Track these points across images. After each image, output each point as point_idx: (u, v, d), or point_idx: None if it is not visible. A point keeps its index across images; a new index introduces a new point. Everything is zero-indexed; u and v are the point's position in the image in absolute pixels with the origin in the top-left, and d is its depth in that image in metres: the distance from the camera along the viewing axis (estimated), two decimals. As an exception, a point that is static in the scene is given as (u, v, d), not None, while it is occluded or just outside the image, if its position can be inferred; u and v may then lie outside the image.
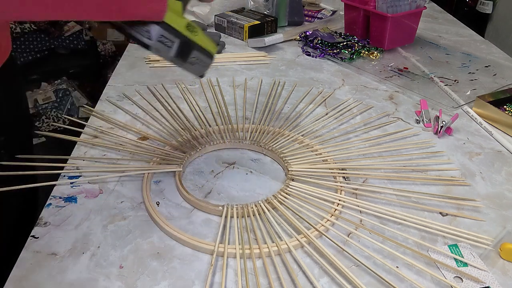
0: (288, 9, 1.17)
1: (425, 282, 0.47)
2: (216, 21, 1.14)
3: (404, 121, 0.77)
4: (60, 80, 1.88)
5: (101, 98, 0.80)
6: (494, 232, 0.54)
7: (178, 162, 0.62)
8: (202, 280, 0.46)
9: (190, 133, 0.69)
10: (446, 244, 0.52)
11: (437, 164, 0.66)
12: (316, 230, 0.52)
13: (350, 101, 0.83)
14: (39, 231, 0.51)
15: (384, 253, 0.50)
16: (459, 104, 0.83)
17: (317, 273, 0.47)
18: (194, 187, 0.60)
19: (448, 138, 0.73)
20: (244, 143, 0.68)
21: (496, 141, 0.73)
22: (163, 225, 0.51)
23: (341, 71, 0.96)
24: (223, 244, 0.49)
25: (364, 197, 0.58)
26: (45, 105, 1.80)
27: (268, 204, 0.56)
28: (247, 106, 0.79)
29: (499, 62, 1.03)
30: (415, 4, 1.01)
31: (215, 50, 0.54)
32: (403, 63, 0.99)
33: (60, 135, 0.66)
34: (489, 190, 0.61)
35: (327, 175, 0.62)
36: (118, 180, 0.60)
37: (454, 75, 0.95)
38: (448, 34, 1.20)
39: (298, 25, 1.19)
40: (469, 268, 0.48)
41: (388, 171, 0.64)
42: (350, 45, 1.03)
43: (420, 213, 0.56)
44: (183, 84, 0.86)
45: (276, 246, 0.49)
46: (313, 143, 0.68)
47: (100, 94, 0.81)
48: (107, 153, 0.65)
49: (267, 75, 0.92)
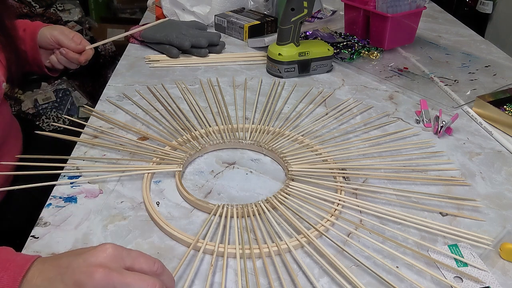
0: (288, 9, 1.17)
1: (425, 282, 0.47)
2: (216, 21, 1.14)
3: (404, 121, 0.77)
4: (60, 80, 1.88)
5: (101, 98, 0.80)
6: (494, 232, 0.54)
7: (178, 162, 0.62)
8: (202, 280, 0.46)
9: (190, 133, 0.69)
10: (446, 244, 0.52)
11: (437, 164, 0.66)
12: (316, 230, 0.52)
13: (350, 101, 0.83)
14: (39, 231, 0.51)
15: (384, 253, 0.50)
16: (459, 104, 0.83)
17: (317, 273, 0.47)
18: (194, 187, 0.60)
19: (448, 138, 0.73)
20: (244, 143, 0.68)
21: (496, 141, 0.73)
22: (163, 225, 0.51)
23: (341, 71, 0.96)
24: (223, 244, 0.49)
25: (364, 197, 0.58)
26: (45, 105, 1.80)
27: (268, 204, 0.56)
28: (247, 106, 0.79)
29: (499, 62, 1.03)
30: (415, 4, 1.01)
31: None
32: (403, 63, 0.99)
33: (60, 135, 0.66)
34: (489, 190, 0.61)
35: (327, 175, 0.62)
36: (118, 180, 0.60)
37: (454, 75, 0.95)
38: (448, 34, 1.20)
39: (298, 25, 1.19)
40: (469, 268, 0.48)
41: (388, 171, 0.64)
42: (350, 45, 1.03)
43: (420, 213, 0.56)
44: (183, 84, 0.86)
45: (276, 246, 0.49)
46: (313, 143, 0.68)
47: (100, 94, 0.81)
48: (107, 153, 0.65)
49: (267, 75, 0.92)
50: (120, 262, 0.38)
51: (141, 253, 0.40)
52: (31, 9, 1.83)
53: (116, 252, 0.38)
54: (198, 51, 0.97)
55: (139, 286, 0.37)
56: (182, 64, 0.95)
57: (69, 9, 2.03)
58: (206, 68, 0.94)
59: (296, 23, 0.86)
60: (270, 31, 1.11)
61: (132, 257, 0.39)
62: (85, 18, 2.12)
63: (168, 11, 1.13)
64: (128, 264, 0.39)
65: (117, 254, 0.38)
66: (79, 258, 0.38)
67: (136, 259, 0.39)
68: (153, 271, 0.39)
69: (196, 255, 0.48)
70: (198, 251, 0.48)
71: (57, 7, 1.99)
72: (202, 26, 1.06)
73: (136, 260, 0.39)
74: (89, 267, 0.37)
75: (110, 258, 0.38)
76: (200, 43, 0.96)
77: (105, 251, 0.38)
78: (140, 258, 0.39)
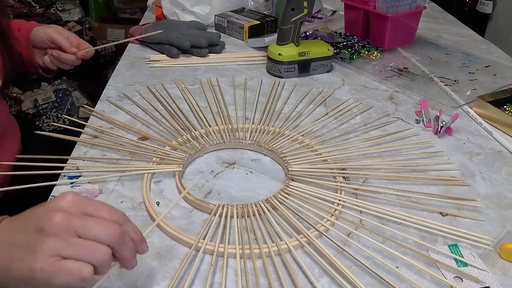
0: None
1: (425, 282, 0.47)
2: (216, 21, 1.14)
3: (404, 121, 0.77)
4: (60, 80, 1.88)
5: (101, 98, 0.80)
6: (494, 232, 0.54)
7: (178, 162, 0.62)
8: (202, 280, 0.46)
9: (190, 133, 0.69)
10: (446, 244, 0.52)
11: (437, 164, 0.66)
12: (316, 230, 0.52)
13: (350, 101, 0.83)
14: (39, 231, 0.51)
15: (384, 253, 0.50)
16: (459, 104, 0.83)
17: (317, 273, 0.47)
18: (194, 187, 0.60)
19: (448, 138, 0.73)
20: (244, 143, 0.68)
21: (496, 141, 0.73)
22: (163, 225, 0.51)
23: (341, 71, 0.96)
24: (223, 244, 0.49)
25: (364, 197, 0.58)
26: (45, 105, 1.80)
27: (268, 204, 0.56)
28: (247, 106, 0.79)
29: (499, 62, 1.03)
30: (415, 4, 1.01)
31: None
32: (403, 63, 0.99)
33: (60, 135, 0.66)
34: (489, 190, 0.61)
35: (327, 175, 0.62)
36: (118, 180, 0.60)
37: (454, 75, 0.95)
38: (448, 34, 1.20)
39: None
40: (469, 268, 0.48)
41: (388, 171, 0.64)
42: (350, 45, 1.03)
43: (420, 213, 0.56)
44: (183, 84, 0.86)
45: (276, 246, 0.49)
46: (313, 143, 0.68)
47: (100, 94, 0.81)
48: (107, 153, 0.65)
49: (267, 75, 0.92)
50: (81, 208, 0.38)
51: (104, 203, 0.40)
52: (31, 9, 1.83)
53: (76, 198, 0.38)
54: (198, 51, 0.98)
55: (99, 230, 0.37)
56: (182, 64, 0.95)
57: (69, 9, 2.03)
58: (206, 68, 0.94)
59: (296, 23, 0.86)
60: (270, 31, 1.11)
61: (93, 205, 0.39)
62: (85, 18, 2.12)
63: (168, 11, 1.13)
64: (90, 211, 0.38)
65: (77, 200, 0.38)
66: (40, 207, 0.38)
67: (97, 207, 0.39)
68: (114, 220, 0.39)
69: (196, 255, 0.48)
70: (198, 251, 0.48)
71: (57, 7, 1.99)
72: (202, 26, 1.06)
73: (97, 208, 0.39)
74: (49, 212, 0.37)
75: (71, 204, 0.38)
76: (200, 43, 0.96)
77: (65, 197, 0.38)
78: (102, 207, 0.39)
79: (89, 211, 0.38)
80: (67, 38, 0.81)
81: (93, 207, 0.39)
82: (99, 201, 0.40)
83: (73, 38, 0.82)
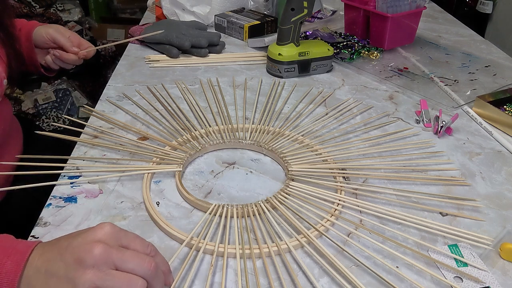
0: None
1: (425, 282, 0.47)
2: (216, 21, 1.14)
3: (404, 121, 0.77)
4: (60, 80, 1.88)
5: (101, 98, 0.80)
6: (494, 232, 0.54)
7: (178, 162, 0.62)
8: (202, 280, 0.46)
9: (190, 133, 0.69)
10: (446, 244, 0.52)
11: (437, 164, 0.66)
12: (316, 230, 0.52)
13: (350, 101, 0.83)
14: (39, 231, 0.51)
15: (384, 253, 0.50)
16: (459, 104, 0.83)
17: (317, 273, 0.47)
18: (194, 187, 0.60)
19: (448, 138, 0.73)
20: (244, 143, 0.68)
21: (496, 141, 0.73)
22: (163, 225, 0.51)
23: (341, 71, 0.96)
24: (223, 244, 0.49)
25: (364, 197, 0.58)
26: (45, 105, 1.80)
27: (268, 204, 0.56)
28: (247, 106, 0.79)
29: (499, 62, 1.03)
30: (415, 4, 1.01)
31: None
32: (403, 63, 0.99)
33: (60, 135, 0.66)
34: (489, 190, 0.61)
35: (327, 175, 0.62)
36: (118, 180, 0.60)
37: (454, 75, 0.95)
38: (448, 34, 1.20)
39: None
40: (469, 268, 0.48)
41: (388, 171, 0.64)
42: (350, 45, 1.03)
43: (420, 213, 0.56)
44: (183, 84, 0.86)
45: (276, 246, 0.49)
46: (313, 143, 0.68)
47: (100, 94, 0.81)
48: (107, 153, 0.65)
49: (267, 75, 0.92)
50: (118, 240, 0.39)
51: (137, 235, 0.41)
52: (31, 9, 1.83)
53: (113, 230, 0.39)
54: (198, 51, 0.98)
55: (137, 263, 0.38)
56: (182, 64, 0.95)
57: (69, 9, 2.03)
58: (206, 68, 0.94)
59: (296, 23, 0.86)
60: (270, 31, 1.11)
61: (128, 237, 0.40)
62: (85, 18, 2.12)
63: (168, 11, 1.13)
64: (124, 243, 0.40)
65: (114, 232, 0.39)
66: (78, 237, 0.39)
67: (132, 240, 0.40)
68: (146, 253, 0.40)
69: (196, 255, 0.48)
70: (198, 251, 0.48)
71: (57, 7, 1.99)
72: (202, 26, 1.06)
73: (132, 241, 0.40)
74: (88, 244, 0.37)
75: (108, 236, 0.39)
76: (200, 43, 0.96)
77: (103, 228, 0.39)
78: (136, 240, 0.41)
79: (124, 242, 0.40)
80: (68, 38, 0.81)
81: (127, 239, 0.40)
82: (132, 233, 0.41)
83: (74, 38, 0.82)
